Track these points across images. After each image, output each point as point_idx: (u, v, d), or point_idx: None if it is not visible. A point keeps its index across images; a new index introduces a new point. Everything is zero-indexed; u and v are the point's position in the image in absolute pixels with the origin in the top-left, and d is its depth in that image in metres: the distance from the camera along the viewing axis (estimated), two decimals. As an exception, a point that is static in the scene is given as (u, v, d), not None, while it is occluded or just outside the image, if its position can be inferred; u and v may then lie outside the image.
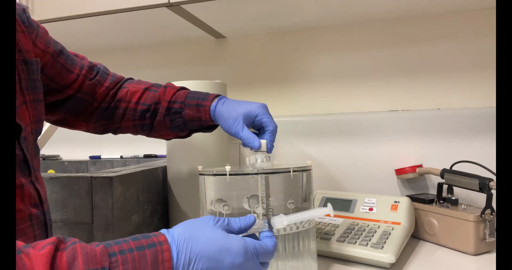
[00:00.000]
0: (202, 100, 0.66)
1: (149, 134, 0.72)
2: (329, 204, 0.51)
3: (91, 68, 0.67)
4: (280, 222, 0.49)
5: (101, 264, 0.35)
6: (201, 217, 0.45)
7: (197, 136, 0.86)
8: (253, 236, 0.47)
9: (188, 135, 0.72)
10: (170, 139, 0.75)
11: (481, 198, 0.84)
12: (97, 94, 0.67)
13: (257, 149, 0.61)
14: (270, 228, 0.48)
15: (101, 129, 0.71)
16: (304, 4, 0.93)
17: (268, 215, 0.56)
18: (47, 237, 0.53)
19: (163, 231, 0.42)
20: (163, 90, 0.69)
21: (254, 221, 0.47)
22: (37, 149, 0.54)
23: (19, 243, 0.34)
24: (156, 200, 0.86)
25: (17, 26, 0.52)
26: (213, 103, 0.65)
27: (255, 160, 0.61)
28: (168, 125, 0.69)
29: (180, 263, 0.39)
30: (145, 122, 0.69)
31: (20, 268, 0.31)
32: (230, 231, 0.45)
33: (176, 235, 0.41)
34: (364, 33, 1.07)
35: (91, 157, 1.28)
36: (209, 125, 0.69)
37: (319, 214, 0.50)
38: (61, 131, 1.07)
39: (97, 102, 0.67)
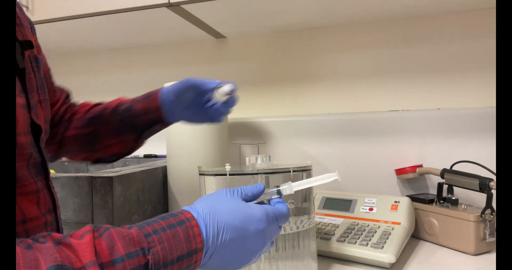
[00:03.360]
0: (151, 92, 0.63)
1: (91, 149, 0.65)
2: (336, 171, 0.51)
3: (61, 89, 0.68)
4: (289, 188, 0.50)
5: (140, 245, 0.35)
6: (217, 191, 0.47)
7: (197, 136, 0.87)
8: (262, 203, 0.49)
9: (137, 144, 0.65)
10: (111, 159, 0.67)
11: (481, 198, 0.84)
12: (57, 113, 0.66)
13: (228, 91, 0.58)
14: (279, 195, 0.50)
15: (52, 153, 0.67)
16: (304, 4, 0.92)
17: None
18: None
19: (186, 208, 0.43)
20: (112, 101, 0.66)
21: (264, 189, 0.49)
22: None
23: (56, 235, 0.35)
24: (156, 200, 0.86)
25: (23, 22, 0.51)
26: (162, 89, 0.62)
27: (255, 160, 0.61)
28: (116, 124, 0.63)
29: (209, 236, 0.40)
30: (88, 131, 0.64)
31: (64, 259, 0.31)
32: (246, 200, 0.46)
33: (201, 210, 0.42)
34: (364, 33, 1.07)
35: (91, 157, 1.28)
36: (160, 119, 0.63)
37: (326, 180, 0.50)
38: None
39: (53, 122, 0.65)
